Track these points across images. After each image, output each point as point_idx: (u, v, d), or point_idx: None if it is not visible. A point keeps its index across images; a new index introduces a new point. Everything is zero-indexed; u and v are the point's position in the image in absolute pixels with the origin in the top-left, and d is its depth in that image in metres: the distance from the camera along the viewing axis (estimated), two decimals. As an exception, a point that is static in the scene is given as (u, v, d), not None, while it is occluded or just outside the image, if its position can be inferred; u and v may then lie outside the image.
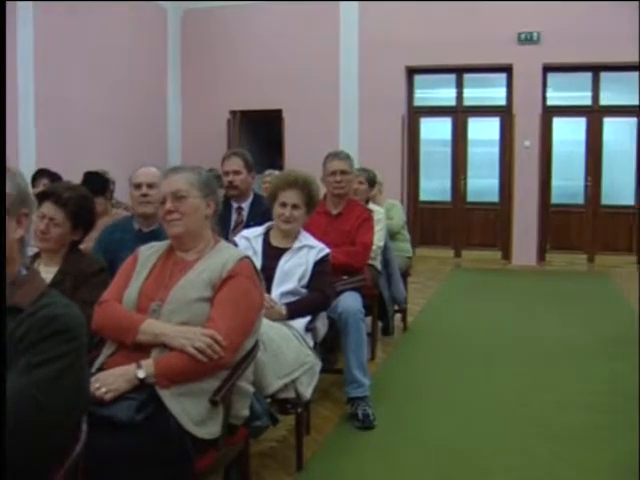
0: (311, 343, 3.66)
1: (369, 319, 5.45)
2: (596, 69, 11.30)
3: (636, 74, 11.24)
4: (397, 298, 5.97)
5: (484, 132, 11.90)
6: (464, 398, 4.78)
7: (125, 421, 2.34)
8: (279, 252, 3.82)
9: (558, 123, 11.64)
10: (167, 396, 2.48)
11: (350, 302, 4.24)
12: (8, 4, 5.04)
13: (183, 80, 12.38)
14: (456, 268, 10.97)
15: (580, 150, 11.58)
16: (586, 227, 11.55)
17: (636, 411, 4.41)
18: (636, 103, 11.33)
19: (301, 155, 10.41)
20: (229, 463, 2.82)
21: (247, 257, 2.85)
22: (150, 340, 2.59)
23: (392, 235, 6.37)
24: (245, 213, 4.85)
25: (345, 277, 4.47)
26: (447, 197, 11.97)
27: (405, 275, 6.59)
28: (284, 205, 3.83)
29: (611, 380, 5.22)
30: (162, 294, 2.70)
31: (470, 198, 11.87)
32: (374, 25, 11.33)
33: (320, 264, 3.78)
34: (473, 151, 11.87)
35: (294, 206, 3.82)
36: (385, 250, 5.70)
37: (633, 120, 11.41)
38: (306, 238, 3.90)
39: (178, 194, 2.80)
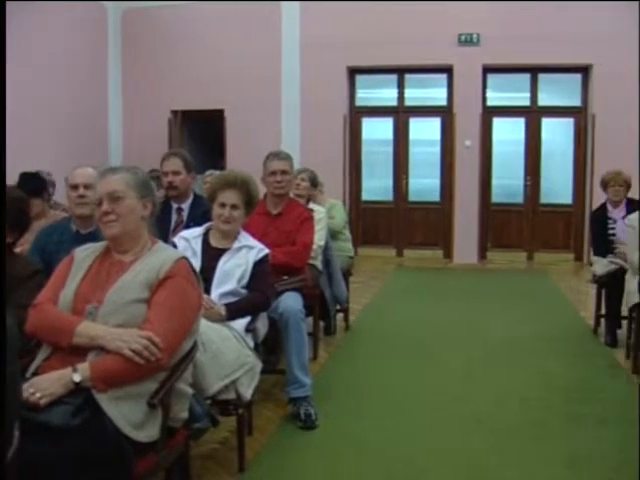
0: (251, 344, 3.65)
1: (311, 319, 5.47)
2: (534, 70, 11.51)
3: (572, 75, 11.52)
4: (339, 298, 5.99)
5: (425, 132, 12.00)
6: (406, 396, 4.82)
7: (61, 426, 2.31)
8: (218, 253, 3.80)
9: (498, 123, 11.81)
10: (104, 400, 2.45)
11: (291, 302, 4.24)
12: None
13: (124, 80, 12.20)
14: (398, 267, 11.04)
15: (519, 150, 11.78)
16: (526, 225, 11.76)
17: (570, 405, 4.54)
18: (573, 104, 11.60)
19: (243, 155, 10.37)
20: (169, 466, 2.80)
21: (184, 258, 2.83)
22: (86, 343, 2.56)
23: (333, 235, 6.40)
24: (185, 214, 4.81)
25: (286, 277, 4.48)
26: (389, 197, 12.03)
27: (347, 275, 6.62)
28: (223, 205, 3.82)
29: (547, 376, 5.32)
30: (98, 296, 2.67)
31: (412, 198, 11.95)
32: (316, 25, 11.35)
33: (260, 264, 3.78)
34: (414, 151, 11.95)
35: (233, 206, 3.80)
36: (326, 250, 5.71)
37: (570, 120, 11.66)
38: (245, 238, 3.89)
39: (114, 195, 2.77)
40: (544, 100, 11.73)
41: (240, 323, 3.62)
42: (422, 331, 6.72)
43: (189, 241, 3.88)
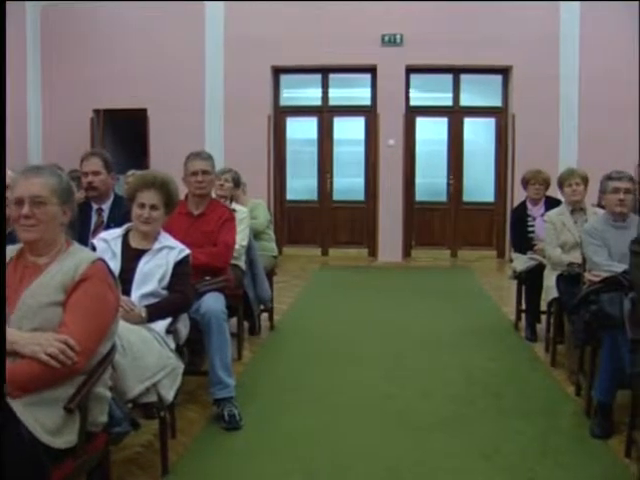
0: (173, 345, 3.61)
1: (234, 319, 5.45)
2: (457, 71, 11.70)
3: (493, 76, 11.74)
4: (262, 297, 5.98)
5: (349, 131, 12.07)
6: (331, 394, 4.84)
7: (-27, 434, 2.24)
8: (138, 254, 3.75)
9: (421, 123, 11.95)
10: (18, 406, 2.37)
11: (213, 303, 4.21)
12: None
13: (44, 78, 11.89)
14: (323, 266, 11.07)
15: (442, 149, 11.95)
16: (449, 223, 11.93)
17: (492, 399, 4.63)
18: (494, 104, 11.82)
19: (166, 155, 10.23)
20: (89, 472, 2.75)
21: (100, 259, 2.78)
22: (0, 348, 2.49)
23: (257, 234, 6.38)
24: (105, 215, 4.73)
25: (208, 278, 4.44)
26: (313, 196, 12.06)
27: (271, 274, 6.61)
28: (142, 206, 3.77)
29: (470, 370, 5.41)
30: (12, 299, 2.60)
31: (336, 197, 12.01)
32: (240, 25, 11.28)
33: (180, 265, 3.75)
34: (339, 150, 12.02)
35: (152, 207, 3.75)
36: (249, 250, 5.69)
37: (491, 120, 11.89)
38: (166, 239, 3.84)
39: (37, 200, 2.68)
40: (466, 100, 11.94)
41: (161, 324, 3.57)
42: (347, 329, 6.75)
43: (108, 242, 3.82)
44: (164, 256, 3.75)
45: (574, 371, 4.95)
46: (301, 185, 12.16)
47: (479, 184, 12.03)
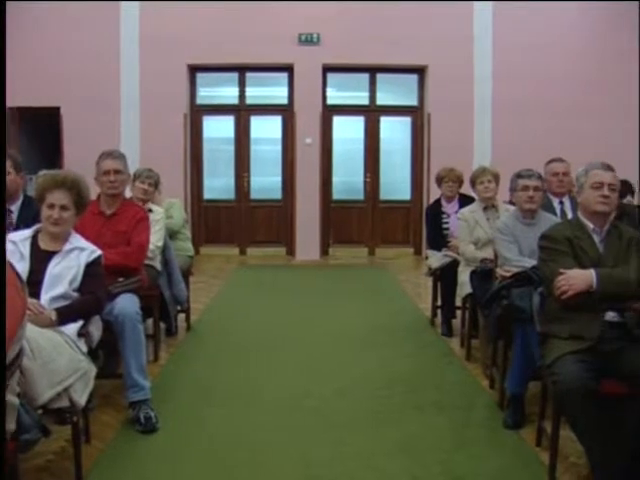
0: (84, 348, 3.53)
1: (150, 320, 5.38)
2: (373, 70, 11.82)
3: (409, 76, 11.90)
4: (178, 298, 5.91)
5: (266, 130, 12.05)
6: (249, 393, 4.81)
7: None
8: (48, 255, 3.66)
9: (338, 121, 12.03)
10: None
11: (126, 304, 4.14)
12: None
13: (-51, 74, 11.54)
14: (241, 265, 11.02)
15: (359, 147, 12.07)
16: (366, 221, 12.04)
17: (409, 394, 4.69)
18: (410, 103, 11.97)
19: (81, 154, 9.96)
20: (-4, 482, 2.67)
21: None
22: None
23: (172, 234, 6.30)
24: (15, 216, 4.61)
25: (121, 279, 4.36)
26: (231, 195, 12.00)
27: (187, 274, 6.53)
28: (52, 207, 3.67)
29: (387, 366, 5.47)
30: None
31: (253, 196, 11.98)
32: (155, 23, 11.13)
33: (92, 266, 3.68)
34: (256, 149, 11.99)
35: (62, 207, 3.66)
36: (165, 250, 5.63)
37: (407, 119, 12.05)
38: (77, 240, 3.76)
39: None
40: (382, 99, 12.08)
41: (72, 327, 3.49)
42: (264, 328, 6.74)
43: (17, 244, 3.71)
44: (75, 257, 3.67)
45: (488, 365, 5.06)
46: (218, 184, 12.08)
47: (395, 182, 12.19)
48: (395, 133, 12.25)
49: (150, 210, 5.44)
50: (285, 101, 11.87)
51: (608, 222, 3.72)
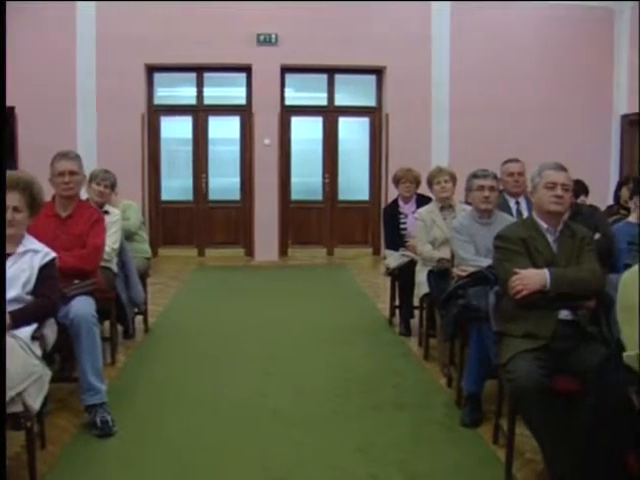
0: (39, 352, 3.48)
1: (107, 323, 5.33)
2: (331, 71, 11.84)
3: (367, 76, 11.94)
4: (136, 300, 5.85)
5: (224, 131, 11.99)
6: (208, 395, 4.79)
7: None
8: (1, 258, 3.60)
9: (296, 122, 12.02)
10: None
11: (82, 307, 4.08)
12: None
13: None
14: (200, 267, 10.96)
15: (317, 148, 12.08)
16: (325, 222, 12.06)
17: (367, 394, 4.71)
18: (368, 104, 12.02)
19: (36, 155, 9.81)
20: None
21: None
22: None
23: (129, 236, 6.24)
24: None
25: (77, 281, 4.31)
26: (189, 196, 11.92)
27: (144, 276, 6.47)
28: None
29: (345, 366, 5.49)
30: None
31: (212, 196, 11.91)
32: (112, 22, 10.99)
33: (46, 269, 3.62)
34: (214, 150, 11.93)
35: (15, 209, 3.60)
36: (121, 252, 5.57)
37: (366, 120, 12.09)
38: (31, 242, 3.71)
39: None
40: (341, 100, 12.11)
41: (25, 331, 3.43)
42: (223, 329, 6.72)
43: (-32, 247, 3.65)
44: (28, 260, 3.61)
45: (445, 364, 5.10)
46: (176, 185, 11.99)
47: (354, 182, 12.22)
48: (353, 134, 12.28)
49: (106, 212, 5.38)
50: (243, 101, 11.82)
51: (561, 222, 3.78)
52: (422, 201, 6.65)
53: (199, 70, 11.74)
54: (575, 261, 3.67)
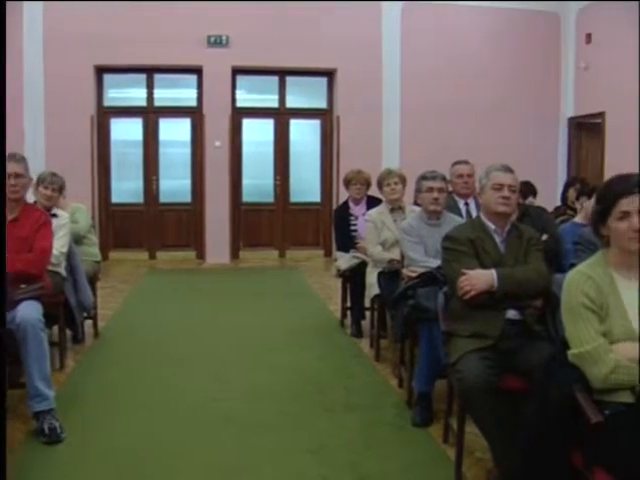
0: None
1: (56, 328, 5.26)
2: (282, 73, 11.84)
3: (319, 79, 11.98)
4: (85, 304, 5.76)
5: (175, 133, 11.90)
6: (157, 400, 4.76)
7: None
8: (-56, 262, 3.54)
9: (247, 124, 11.99)
10: None
11: (28, 311, 4.02)
12: None
13: None
14: (151, 270, 10.85)
15: (269, 150, 12.06)
16: (276, 224, 12.05)
17: (319, 395, 4.73)
18: (319, 106, 12.05)
19: (-19, 158, 9.74)
20: None
21: None
22: None
23: (78, 239, 6.16)
24: None
25: (23, 286, 4.24)
26: (139, 198, 11.80)
27: (94, 280, 6.41)
28: (-52, 212, 3.56)
29: (297, 368, 5.51)
30: None
31: (163, 199, 11.81)
32: (61, 23, 10.82)
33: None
34: (165, 152, 11.83)
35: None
36: (70, 255, 5.49)
37: (317, 122, 12.12)
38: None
39: None
40: (292, 102, 12.12)
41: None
42: (174, 333, 6.67)
43: None
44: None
45: (396, 364, 5.14)
46: (127, 187, 11.85)
47: (305, 184, 12.25)
48: (305, 136, 12.30)
49: (54, 215, 5.29)
50: (194, 103, 11.75)
51: (509, 222, 3.83)
52: (373, 203, 6.67)
53: (149, 71, 11.63)
54: (522, 261, 3.72)
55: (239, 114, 11.81)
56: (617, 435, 2.44)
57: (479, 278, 3.55)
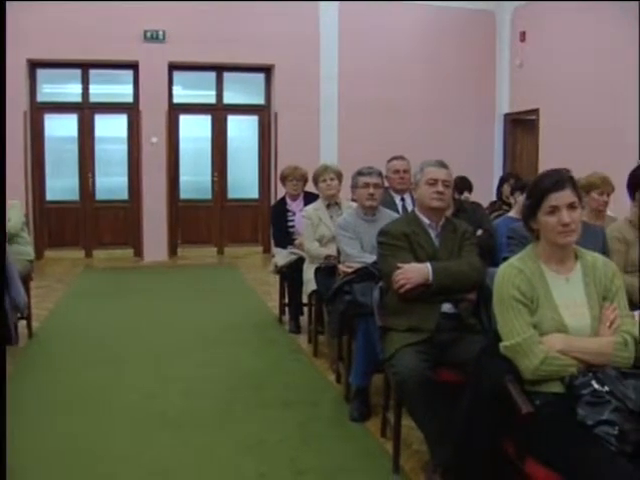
0: None
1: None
2: (220, 69, 11.77)
3: (256, 75, 11.95)
4: (18, 304, 5.64)
5: (111, 129, 11.70)
6: (94, 400, 4.71)
7: None
8: None
9: (184, 120, 11.89)
10: None
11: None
12: None
13: None
14: (87, 269, 10.67)
15: (206, 146, 11.99)
16: (214, 220, 11.98)
17: (256, 391, 4.73)
18: (257, 102, 12.02)
19: None
20: None
21: None
22: None
23: (10, 238, 6.04)
24: None
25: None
26: (75, 196, 11.57)
27: (27, 279, 6.28)
28: None
29: (235, 365, 5.52)
30: None
31: (99, 196, 11.61)
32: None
33: None
34: (101, 148, 11.63)
35: None
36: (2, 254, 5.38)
37: (255, 118, 12.08)
38: None
39: None
40: (229, 98, 12.05)
41: None
42: (111, 332, 6.60)
43: None
44: None
45: (334, 360, 5.16)
46: (62, 185, 11.61)
47: (243, 181, 12.21)
48: (242, 132, 12.25)
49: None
50: (130, 99, 11.58)
51: (443, 217, 3.88)
52: (310, 199, 6.68)
53: (85, 67, 11.41)
54: (457, 255, 3.78)
55: (176, 110, 11.69)
56: (547, 425, 2.50)
57: (414, 271, 3.59)
